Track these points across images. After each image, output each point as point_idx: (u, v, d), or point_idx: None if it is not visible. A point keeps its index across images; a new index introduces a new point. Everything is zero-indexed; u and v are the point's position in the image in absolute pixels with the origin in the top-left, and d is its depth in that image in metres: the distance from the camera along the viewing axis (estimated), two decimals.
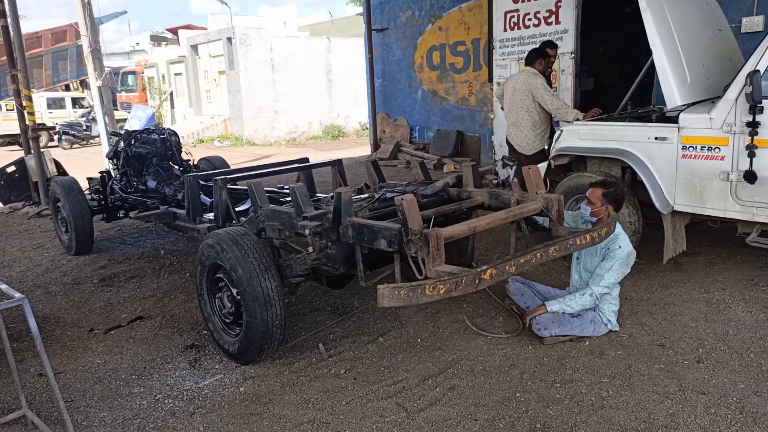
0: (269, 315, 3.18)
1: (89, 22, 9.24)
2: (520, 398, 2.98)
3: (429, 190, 3.81)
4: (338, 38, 21.78)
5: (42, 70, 26.97)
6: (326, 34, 23.40)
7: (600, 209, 3.59)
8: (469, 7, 10.33)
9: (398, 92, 12.44)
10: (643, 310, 3.99)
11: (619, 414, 2.81)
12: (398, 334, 3.80)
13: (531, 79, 5.63)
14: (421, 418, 2.85)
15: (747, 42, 5.99)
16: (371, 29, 12.20)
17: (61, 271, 5.55)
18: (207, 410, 3.02)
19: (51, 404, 3.12)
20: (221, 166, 6.83)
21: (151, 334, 4.01)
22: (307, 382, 3.26)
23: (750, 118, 3.82)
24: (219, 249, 3.31)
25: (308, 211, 3.26)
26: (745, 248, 4.57)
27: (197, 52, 23.29)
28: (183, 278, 5.16)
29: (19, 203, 8.66)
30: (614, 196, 3.61)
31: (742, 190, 3.96)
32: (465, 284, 2.53)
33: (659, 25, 4.20)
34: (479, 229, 2.98)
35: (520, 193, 3.46)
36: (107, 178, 6.08)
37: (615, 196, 3.61)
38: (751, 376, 3.10)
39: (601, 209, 3.59)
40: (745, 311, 3.89)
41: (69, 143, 19.57)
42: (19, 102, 8.50)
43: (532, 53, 5.85)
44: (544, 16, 7.85)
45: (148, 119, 7.45)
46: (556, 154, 5.01)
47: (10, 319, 4.17)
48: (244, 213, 4.29)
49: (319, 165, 5.30)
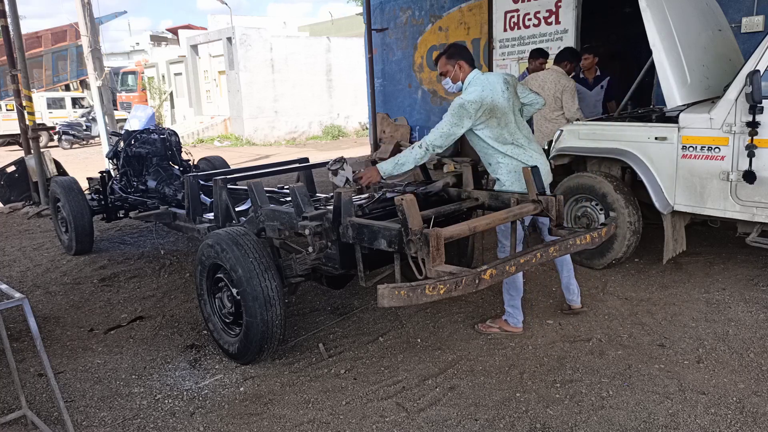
0: (269, 315, 3.18)
1: (89, 22, 9.23)
2: (520, 398, 2.98)
3: (429, 189, 3.81)
4: (338, 38, 21.78)
5: (42, 70, 26.98)
6: (326, 34, 23.41)
7: (450, 69, 3.51)
8: (469, 7, 10.34)
9: (398, 92, 12.44)
10: (643, 310, 3.99)
11: (619, 414, 2.81)
12: (398, 334, 3.81)
13: (563, 80, 5.55)
14: (421, 418, 2.85)
15: (747, 42, 5.99)
16: (371, 29, 12.20)
17: (61, 271, 5.55)
18: (207, 410, 3.02)
19: (51, 404, 3.12)
20: (221, 166, 6.82)
21: (151, 334, 4.01)
22: (307, 382, 3.26)
23: (750, 118, 3.82)
24: (219, 249, 3.31)
25: (308, 211, 3.26)
26: (745, 248, 4.57)
27: (197, 52, 23.30)
28: (183, 278, 5.16)
29: (19, 203, 8.66)
30: (451, 51, 3.53)
31: (742, 190, 3.96)
32: (465, 284, 2.52)
33: (659, 25, 4.20)
34: (479, 229, 2.98)
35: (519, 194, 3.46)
36: (107, 178, 6.08)
37: (451, 49, 3.54)
38: (751, 376, 3.10)
39: (452, 70, 3.51)
40: (745, 311, 3.89)
41: (69, 143, 19.56)
42: (19, 102, 8.50)
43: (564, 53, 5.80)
44: (544, 16, 7.86)
45: (148, 119, 7.43)
46: (556, 154, 5.01)
47: (10, 319, 4.17)
48: (244, 213, 4.29)
49: (319, 165, 5.29)
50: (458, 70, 3.51)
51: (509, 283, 3.65)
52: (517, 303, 3.69)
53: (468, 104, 3.31)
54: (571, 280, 3.88)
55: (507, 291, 3.69)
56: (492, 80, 3.45)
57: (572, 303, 3.92)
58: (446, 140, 3.35)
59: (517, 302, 3.69)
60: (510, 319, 3.72)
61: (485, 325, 3.79)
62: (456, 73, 3.52)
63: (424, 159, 3.41)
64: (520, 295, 3.70)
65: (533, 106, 3.72)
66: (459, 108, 3.31)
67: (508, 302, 3.71)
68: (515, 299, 3.69)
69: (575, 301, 3.91)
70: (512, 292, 3.68)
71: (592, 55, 6.33)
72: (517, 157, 3.46)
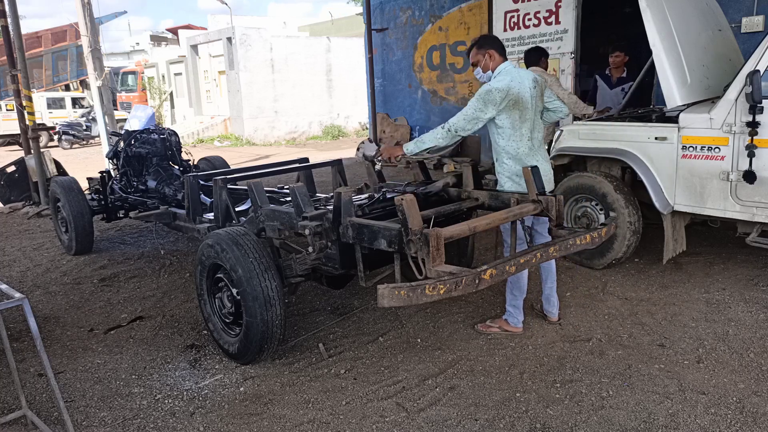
0: (269, 315, 3.18)
1: (89, 22, 9.23)
2: (520, 398, 2.98)
3: (429, 189, 3.81)
4: (338, 38, 21.77)
5: (42, 70, 26.98)
6: (326, 34, 23.40)
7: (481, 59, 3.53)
8: (469, 7, 10.33)
9: (398, 92, 12.43)
10: (643, 310, 3.99)
11: (619, 414, 2.81)
12: (398, 334, 3.81)
13: (544, 76, 5.59)
14: (421, 418, 2.85)
15: (747, 42, 5.98)
16: (371, 29, 12.19)
17: (61, 271, 5.55)
18: (207, 410, 3.02)
19: (51, 404, 3.12)
20: (221, 166, 6.83)
21: (151, 334, 4.01)
22: (307, 382, 3.26)
23: (750, 118, 3.82)
24: (219, 249, 3.31)
25: (308, 211, 3.26)
26: (745, 248, 4.58)
27: (197, 52, 23.29)
28: (183, 278, 5.16)
29: (19, 203, 8.66)
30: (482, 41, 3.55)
31: (742, 190, 3.96)
32: (465, 284, 2.52)
33: (659, 25, 4.20)
34: (479, 229, 2.98)
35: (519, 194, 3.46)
36: (107, 178, 6.08)
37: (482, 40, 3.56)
38: (751, 376, 3.10)
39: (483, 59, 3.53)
40: (745, 311, 3.89)
41: (69, 143, 19.56)
42: (19, 102, 8.50)
43: (532, 53, 5.84)
44: (544, 16, 7.85)
45: (148, 119, 7.43)
46: (556, 154, 5.01)
47: (10, 319, 4.17)
48: (244, 213, 4.29)
49: (319, 165, 5.30)
50: (488, 60, 3.52)
51: (513, 283, 3.66)
52: (519, 303, 3.70)
53: (495, 91, 3.32)
54: (553, 292, 3.85)
55: (510, 291, 3.69)
56: (522, 74, 3.48)
57: (549, 315, 3.89)
58: (469, 124, 3.40)
59: (519, 302, 3.69)
60: (510, 318, 3.72)
61: (485, 325, 3.79)
62: (486, 62, 3.53)
63: (446, 140, 3.46)
64: (523, 296, 3.70)
65: (556, 113, 3.73)
66: (486, 93, 3.34)
67: (510, 302, 3.71)
68: (518, 299, 3.69)
69: (553, 313, 3.88)
70: (515, 292, 3.68)
71: (623, 54, 6.17)
72: (528, 156, 3.48)
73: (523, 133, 3.45)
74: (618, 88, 6.23)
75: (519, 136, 3.45)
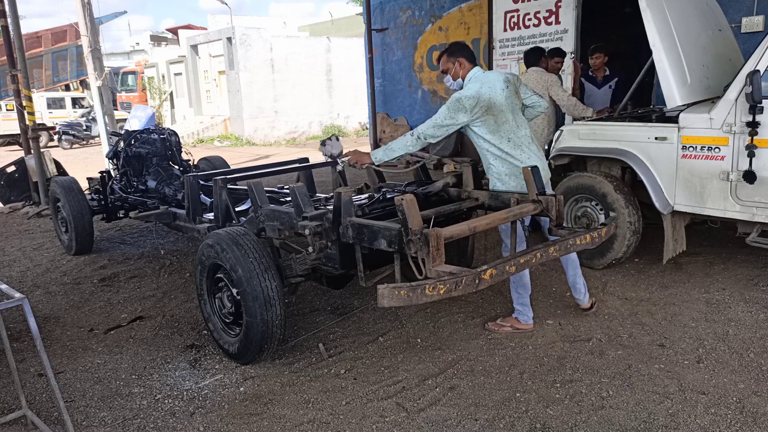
0: (269, 315, 3.18)
1: (89, 21, 9.23)
2: (520, 398, 2.98)
3: (429, 189, 3.81)
4: (338, 38, 21.78)
5: (42, 70, 26.98)
6: (326, 34, 23.40)
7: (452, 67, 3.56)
8: (469, 7, 10.33)
9: (398, 92, 12.43)
10: (643, 310, 3.99)
11: (619, 414, 2.81)
12: (398, 334, 3.81)
13: (544, 76, 5.61)
14: (421, 418, 2.85)
15: (747, 42, 5.98)
16: (371, 29, 12.20)
17: (61, 271, 5.55)
18: (207, 410, 3.02)
19: (51, 404, 3.12)
20: (221, 166, 6.82)
21: (151, 334, 4.01)
22: (307, 382, 3.26)
23: (750, 118, 3.82)
24: (219, 249, 3.31)
25: (308, 211, 3.26)
26: (745, 248, 4.57)
27: (197, 52, 23.29)
28: (183, 278, 5.16)
29: (19, 203, 8.66)
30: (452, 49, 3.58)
31: (742, 190, 3.96)
32: (465, 284, 2.53)
33: (659, 25, 4.20)
34: (479, 229, 2.98)
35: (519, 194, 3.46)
36: (107, 178, 6.08)
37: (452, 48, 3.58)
38: (751, 376, 3.10)
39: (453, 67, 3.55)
40: (745, 311, 3.89)
41: (69, 143, 19.56)
42: (19, 102, 8.50)
43: (531, 54, 5.85)
44: (544, 16, 7.85)
45: (148, 119, 7.44)
46: (556, 154, 5.01)
47: (10, 319, 4.17)
48: (244, 213, 4.29)
49: (319, 165, 5.29)
50: (458, 68, 3.55)
51: (516, 282, 3.67)
52: (525, 300, 3.70)
53: (465, 99, 3.34)
54: (577, 278, 3.83)
55: (515, 290, 3.70)
56: (492, 78, 3.47)
57: (580, 302, 3.89)
58: (437, 131, 3.40)
59: (525, 300, 3.70)
60: (520, 316, 3.72)
61: (496, 323, 3.78)
62: (456, 70, 3.56)
63: (415, 147, 3.46)
64: (528, 293, 3.71)
65: (535, 108, 3.72)
66: (455, 102, 3.36)
67: (517, 300, 3.72)
68: (524, 297, 3.70)
69: (582, 300, 3.88)
70: (520, 290, 3.68)
71: (603, 54, 6.32)
72: (514, 156, 3.46)
73: (502, 135, 3.45)
74: (605, 86, 6.35)
75: (498, 138, 3.46)
